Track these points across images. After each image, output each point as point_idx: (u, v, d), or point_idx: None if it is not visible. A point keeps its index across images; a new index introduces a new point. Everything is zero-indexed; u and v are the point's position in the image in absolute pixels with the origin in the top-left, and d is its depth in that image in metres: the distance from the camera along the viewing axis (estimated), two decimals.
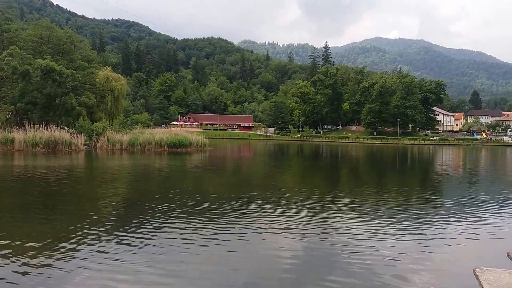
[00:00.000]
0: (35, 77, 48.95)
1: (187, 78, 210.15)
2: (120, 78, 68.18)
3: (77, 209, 13.98)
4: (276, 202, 15.54)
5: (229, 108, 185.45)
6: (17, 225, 11.64)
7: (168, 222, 11.90)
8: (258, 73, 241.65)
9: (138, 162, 33.75)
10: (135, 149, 45.21)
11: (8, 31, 71.57)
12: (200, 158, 40.80)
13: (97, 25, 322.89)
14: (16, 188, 18.49)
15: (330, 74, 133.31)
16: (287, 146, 79.75)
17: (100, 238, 9.97)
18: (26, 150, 39.72)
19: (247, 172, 31.28)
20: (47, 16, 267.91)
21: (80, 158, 36.16)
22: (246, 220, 12.42)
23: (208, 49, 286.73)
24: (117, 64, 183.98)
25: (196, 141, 50.12)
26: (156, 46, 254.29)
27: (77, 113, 51.64)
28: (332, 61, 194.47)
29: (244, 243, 10.07)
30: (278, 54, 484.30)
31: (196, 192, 18.49)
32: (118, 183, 22.01)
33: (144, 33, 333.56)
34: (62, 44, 62.49)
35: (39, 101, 48.50)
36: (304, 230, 11.32)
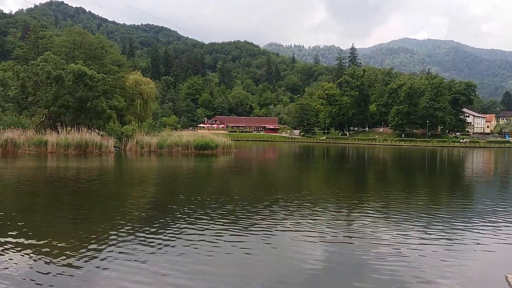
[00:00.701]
0: (68, 81, 50.59)
1: (214, 81, 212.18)
2: (149, 81, 69.58)
3: (106, 210, 14.39)
4: (300, 205, 15.39)
5: (255, 111, 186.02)
6: (48, 225, 12.05)
7: (192, 223, 12.02)
8: (283, 75, 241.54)
9: (166, 164, 34.34)
10: (163, 151, 46.01)
11: (43, 38, 74.50)
12: (226, 160, 41.13)
13: (127, 31, 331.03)
14: (48, 189, 19.19)
15: (356, 76, 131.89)
16: (313, 148, 79.32)
17: (124, 239, 10.13)
18: (59, 152, 41.02)
19: (272, 174, 31.28)
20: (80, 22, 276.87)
21: (110, 160, 37.07)
22: (269, 223, 12.34)
23: (234, 53, 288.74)
24: (146, 68, 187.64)
25: (222, 143, 50.53)
26: (184, 50, 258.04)
27: (107, 116, 53.05)
28: (358, 62, 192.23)
29: (267, 247, 9.96)
30: (304, 56, 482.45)
31: (221, 194, 18.67)
32: (146, 184, 22.48)
33: (172, 38, 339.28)
34: (93, 49, 64.38)
35: (71, 105, 50.08)
36: (328, 234, 11.16)
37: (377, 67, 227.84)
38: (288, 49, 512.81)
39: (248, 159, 47.43)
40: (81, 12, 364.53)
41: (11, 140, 40.48)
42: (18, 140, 40.96)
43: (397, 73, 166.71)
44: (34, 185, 20.27)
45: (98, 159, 36.74)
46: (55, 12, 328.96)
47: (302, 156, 56.39)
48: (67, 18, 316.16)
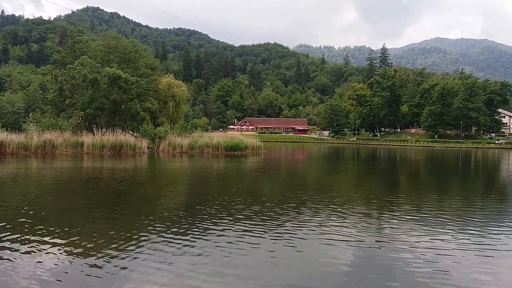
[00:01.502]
0: (103, 84, 52.30)
1: (244, 83, 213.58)
2: (181, 84, 70.88)
3: (138, 210, 14.80)
4: (328, 207, 15.26)
5: (284, 112, 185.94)
6: (83, 224, 12.58)
7: (220, 224, 12.17)
8: (313, 76, 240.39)
9: (197, 165, 34.95)
10: (194, 152, 46.83)
11: (80, 42, 77.26)
12: (255, 161, 41.43)
13: (160, 34, 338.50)
14: (84, 189, 19.96)
15: (388, 76, 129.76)
16: (343, 149, 78.55)
17: (153, 239, 10.33)
18: (94, 152, 42.47)
19: (301, 175, 31.30)
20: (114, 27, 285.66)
21: (143, 160, 38.07)
22: (295, 225, 12.25)
23: (264, 55, 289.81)
24: (178, 71, 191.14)
25: (252, 144, 50.91)
26: (215, 53, 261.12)
27: (141, 118, 54.47)
28: (390, 62, 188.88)
29: (292, 250, 9.83)
30: (334, 57, 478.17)
31: (249, 195, 18.87)
32: (178, 185, 23.03)
33: (203, 41, 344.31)
34: (127, 53, 66.25)
35: (106, 107, 51.73)
36: (357, 238, 10.91)
37: (409, 67, 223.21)
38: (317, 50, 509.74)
39: (277, 160, 47.57)
40: (116, 17, 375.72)
41: (50, 141, 42.35)
42: (56, 141, 42.80)
43: (429, 73, 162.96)
44: (71, 185, 21.14)
45: (132, 160, 37.81)
46: (91, 17, 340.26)
47: (332, 157, 56.01)
48: (103, 23, 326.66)
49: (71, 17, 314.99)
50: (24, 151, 40.52)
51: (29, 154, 39.63)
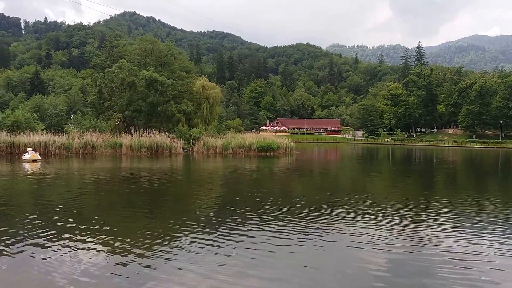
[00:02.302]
0: (140, 87, 53.97)
1: (276, 84, 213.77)
2: (215, 86, 72.03)
3: (174, 209, 15.40)
4: (362, 209, 15.12)
5: (316, 112, 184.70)
6: (122, 222, 13.30)
7: (250, 224, 12.45)
8: (346, 76, 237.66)
9: (230, 165, 35.51)
10: (228, 153, 47.56)
11: (118, 46, 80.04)
12: (287, 161, 41.60)
13: (194, 38, 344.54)
14: (123, 188, 20.86)
15: (423, 75, 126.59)
16: (377, 150, 77.27)
17: (185, 239, 10.66)
18: (132, 153, 43.94)
19: (334, 176, 31.20)
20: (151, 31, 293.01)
21: (179, 161, 39.06)
22: (327, 227, 12.19)
23: (296, 55, 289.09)
24: (212, 74, 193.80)
25: (284, 145, 51.11)
26: (248, 55, 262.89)
27: (176, 119, 55.83)
28: (425, 61, 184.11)
29: (322, 252, 9.68)
30: (368, 56, 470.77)
31: (281, 196, 19.13)
32: (212, 185, 23.59)
33: (236, 43, 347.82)
34: (163, 56, 68.03)
35: (144, 109, 53.36)
36: (391, 241, 10.60)
37: (446, 65, 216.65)
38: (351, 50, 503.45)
39: (309, 160, 47.54)
40: (152, 21, 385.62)
41: (90, 142, 44.19)
42: (95, 142, 44.62)
43: (467, 72, 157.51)
44: (110, 185, 22.14)
45: (168, 160, 38.87)
46: (128, 22, 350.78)
47: (366, 158, 55.31)
48: (139, 27, 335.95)
49: (109, 22, 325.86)
50: (66, 151, 42.43)
51: (71, 155, 41.45)
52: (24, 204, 15.65)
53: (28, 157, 33.98)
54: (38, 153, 35.91)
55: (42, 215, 13.22)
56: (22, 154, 36.15)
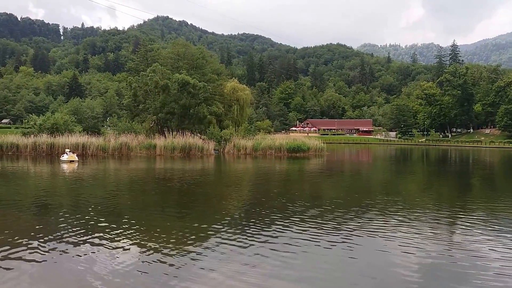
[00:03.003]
0: (173, 90, 55.20)
1: (306, 85, 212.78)
2: (245, 88, 72.55)
3: (205, 209, 15.75)
4: (395, 211, 14.88)
5: (347, 113, 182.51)
6: (155, 221, 13.78)
7: (278, 225, 12.57)
8: (378, 76, 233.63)
9: (260, 166, 35.78)
10: (258, 154, 47.90)
11: (151, 50, 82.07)
12: (318, 162, 41.49)
13: (225, 40, 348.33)
14: (157, 188, 21.56)
15: (459, 74, 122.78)
16: (410, 150, 75.60)
17: (215, 238, 10.92)
18: (166, 154, 45.00)
19: (365, 178, 30.88)
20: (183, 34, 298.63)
21: (210, 161, 39.72)
22: (358, 229, 12.03)
23: (327, 56, 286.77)
24: (243, 76, 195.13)
25: (314, 146, 50.95)
26: (278, 56, 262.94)
27: (208, 121, 56.73)
28: (461, 60, 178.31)
29: (351, 256, 9.52)
30: (400, 55, 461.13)
31: (311, 197, 19.17)
32: (242, 185, 23.92)
33: (266, 45, 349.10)
34: (195, 60, 69.20)
35: (176, 111, 54.53)
36: (424, 246, 10.29)
37: (482, 64, 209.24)
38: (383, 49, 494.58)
39: (340, 161, 47.19)
40: (184, 25, 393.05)
41: (125, 143, 45.59)
42: (131, 143, 45.99)
43: (505, 70, 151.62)
44: (145, 185, 22.89)
45: (200, 161, 39.62)
46: (161, 26, 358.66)
47: (399, 159, 54.32)
48: (172, 31, 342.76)
49: (143, 26, 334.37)
50: (103, 153, 43.92)
51: (107, 156, 42.86)
52: (61, 203, 16.45)
53: (66, 158, 35.40)
54: (75, 154, 37.37)
55: (78, 213, 13.88)
56: (60, 155, 37.73)
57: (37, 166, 32.82)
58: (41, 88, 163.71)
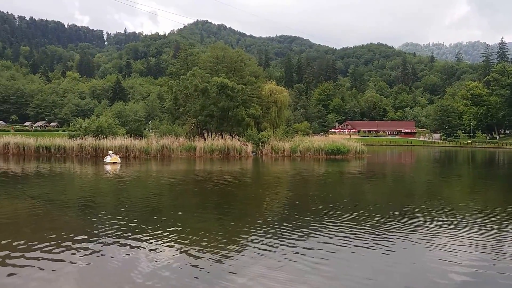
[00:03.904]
0: (212, 93, 56.08)
1: (345, 86, 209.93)
2: (283, 90, 72.53)
3: (243, 211, 15.93)
4: (439, 217, 14.37)
5: (389, 114, 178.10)
6: (195, 221, 14.01)
7: (316, 229, 12.52)
8: (421, 76, 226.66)
9: (298, 168, 35.60)
10: (296, 156, 47.68)
11: (191, 54, 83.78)
12: (358, 165, 40.73)
13: (263, 43, 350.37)
14: (197, 189, 21.91)
15: (507, 73, 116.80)
16: (455, 153, 72.64)
17: (253, 240, 11.03)
18: (205, 156, 45.71)
19: (408, 181, 29.96)
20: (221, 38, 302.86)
21: (248, 163, 39.93)
22: (399, 235, 11.71)
23: (367, 56, 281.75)
24: (280, 77, 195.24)
25: (354, 148, 50.09)
26: (316, 57, 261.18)
27: (246, 123, 57.20)
28: (509, 58, 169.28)
29: (392, 264, 9.21)
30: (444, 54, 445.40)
31: (350, 200, 18.87)
32: (280, 187, 23.92)
33: (304, 46, 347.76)
34: (233, 63, 69.98)
35: (216, 114, 55.35)
36: (472, 255, 9.89)
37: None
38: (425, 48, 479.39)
39: (382, 164, 46.09)
40: (223, 28, 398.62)
41: (167, 146, 46.74)
42: (172, 145, 47.10)
43: None
44: (184, 186, 23.35)
45: (238, 163, 39.94)
46: (200, 30, 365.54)
47: (443, 161, 52.34)
48: (211, 35, 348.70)
49: (183, 31, 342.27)
50: (145, 154, 45.17)
51: (149, 158, 44.03)
52: (103, 203, 17.13)
53: (109, 160, 36.68)
54: (118, 156, 38.68)
55: (119, 214, 14.37)
56: (104, 157, 39.20)
57: (82, 167, 34.26)
58: (86, 92, 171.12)
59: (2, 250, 9.75)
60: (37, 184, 23.30)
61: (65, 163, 36.90)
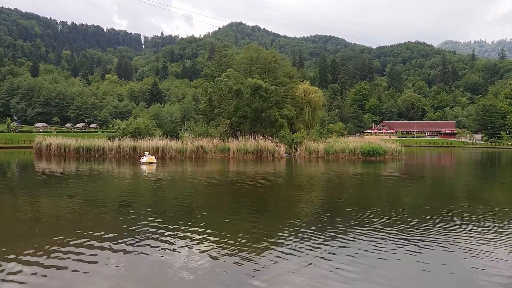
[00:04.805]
0: (246, 94, 56.38)
1: (382, 85, 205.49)
2: (317, 90, 71.95)
3: (276, 212, 15.90)
4: (479, 222, 13.80)
5: (428, 114, 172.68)
6: (229, 222, 14.12)
7: (351, 232, 12.32)
8: (461, 74, 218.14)
9: (332, 170, 35.17)
10: (330, 157, 47.09)
11: (226, 56, 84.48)
12: (395, 166, 39.70)
13: (297, 43, 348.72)
14: (230, 190, 22.11)
15: None
16: (498, 154, 69.40)
17: (286, 243, 10.99)
18: (239, 157, 46.00)
19: (447, 183, 28.88)
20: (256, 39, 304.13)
21: (281, 165, 39.83)
22: (437, 241, 11.29)
23: (404, 54, 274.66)
24: (314, 78, 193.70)
25: (391, 149, 48.86)
26: (351, 56, 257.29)
27: (279, 124, 57.12)
28: None
29: (429, 272, 8.86)
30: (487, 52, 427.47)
31: (386, 203, 18.47)
32: (313, 189, 23.68)
33: (340, 46, 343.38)
34: (267, 64, 70.08)
35: (249, 115, 55.61)
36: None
37: None
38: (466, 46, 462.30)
39: (420, 166, 44.68)
40: (257, 30, 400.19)
41: (201, 147, 47.36)
42: (206, 147, 47.71)
43: None
44: (218, 187, 23.55)
45: (271, 164, 39.91)
46: (234, 32, 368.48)
47: (485, 163, 50.13)
48: (245, 37, 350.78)
49: (217, 33, 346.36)
50: (181, 155, 46.00)
51: (184, 158, 44.82)
52: (140, 203, 17.53)
53: (145, 160, 37.62)
54: (154, 156, 39.56)
55: (154, 213, 14.74)
56: (140, 157, 40.20)
57: (120, 167, 35.27)
58: (124, 95, 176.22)
59: (41, 249, 10.14)
60: (77, 183, 24.19)
61: (103, 164, 38.11)
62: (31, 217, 14.33)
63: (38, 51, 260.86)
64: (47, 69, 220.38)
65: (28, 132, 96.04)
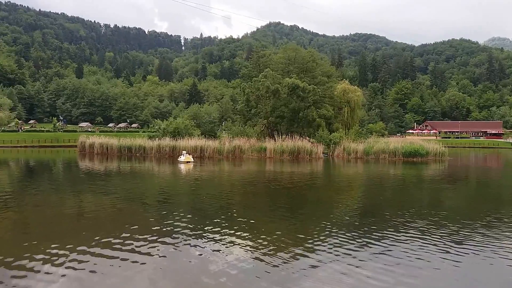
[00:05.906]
0: (283, 94, 56.20)
1: (425, 84, 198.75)
2: (356, 89, 70.58)
3: (313, 213, 15.77)
4: None
5: (473, 114, 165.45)
6: (265, 222, 14.17)
7: (389, 235, 12.04)
8: (509, 72, 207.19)
9: (372, 171, 34.45)
10: (369, 158, 46.10)
11: (263, 56, 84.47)
12: (438, 168, 38.31)
13: (336, 42, 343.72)
14: (267, 190, 22.13)
15: None
16: None
17: (323, 244, 10.91)
18: (275, 157, 45.93)
19: (493, 186, 27.48)
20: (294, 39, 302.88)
21: (319, 165, 39.43)
22: (480, 247, 10.70)
23: (448, 52, 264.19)
24: (354, 77, 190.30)
25: (434, 150, 47.12)
26: (393, 55, 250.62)
27: (317, 124, 56.51)
28: None
29: (470, 280, 8.59)
30: None
31: (428, 205, 17.90)
32: (352, 191, 23.29)
33: (380, 44, 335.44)
34: (305, 63, 69.44)
35: (286, 115, 55.40)
36: None
37: None
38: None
39: (465, 167, 42.90)
40: (295, 29, 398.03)
41: (238, 146, 47.75)
42: (243, 146, 48.01)
43: None
44: (256, 186, 23.67)
45: (308, 164, 39.60)
46: (272, 32, 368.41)
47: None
48: (283, 37, 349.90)
49: (255, 33, 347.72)
50: (218, 155, 46.59)
51: (222, 158, 45.35)
52: (179, 202, 17.96)
53: (183, 159, 38.43)
54: (191, 155, 40.28)
55: (192, 211, 15.07)
56: (178, 156, 41.07)
57: (160, 166, 36.17)
58: (165, 95, 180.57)
59: (82, 244, 10.50)
60: (118, 181, 25.03)
61: (144, 162, 39.24)
62: (76, 213, 14.99)
63: (82, 53, 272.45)
64: (91, 71, 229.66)
65: (72, 132, 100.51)
